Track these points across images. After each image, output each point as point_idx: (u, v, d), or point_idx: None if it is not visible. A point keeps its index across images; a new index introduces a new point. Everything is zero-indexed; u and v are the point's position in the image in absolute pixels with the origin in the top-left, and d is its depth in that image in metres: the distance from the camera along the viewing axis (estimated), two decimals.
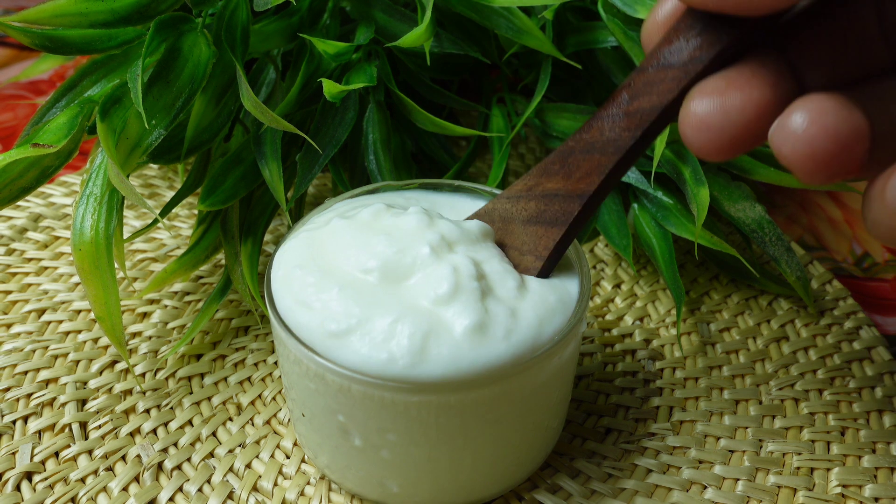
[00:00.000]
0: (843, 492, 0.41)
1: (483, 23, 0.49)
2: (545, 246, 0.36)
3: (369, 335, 0.33)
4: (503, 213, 0.37)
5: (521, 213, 0.37)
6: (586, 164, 0.34)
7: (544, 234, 0.36)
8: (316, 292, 0.35)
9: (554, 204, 0.35)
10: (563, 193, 0.35)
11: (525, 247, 0.37)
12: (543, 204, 0.36)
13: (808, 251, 0.58)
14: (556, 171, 0.35)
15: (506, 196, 0.37)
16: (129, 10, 0.43)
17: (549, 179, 0.35)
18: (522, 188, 0.37)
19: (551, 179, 0.35)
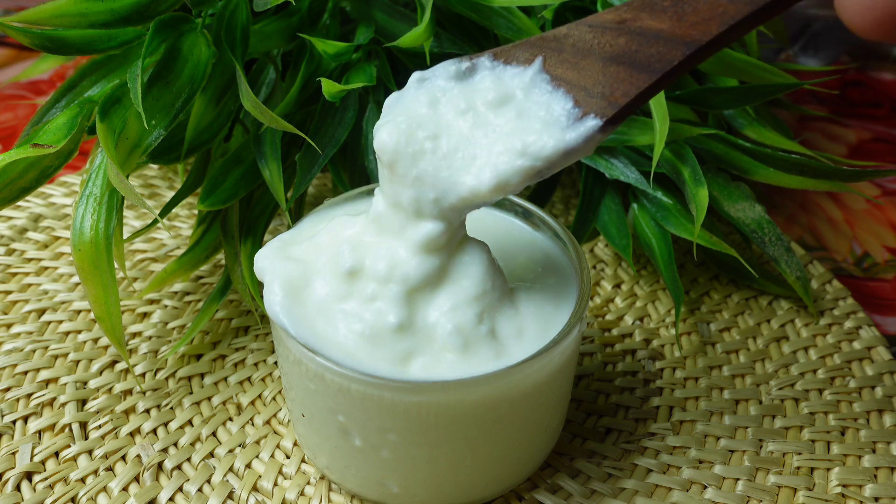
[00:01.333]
0: (843, 492, 0.41)
1: (483, 23, 0.49)
2: (624, 92, 0.30)
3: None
4: (579, 43, 0.31)
5: (604, 48, 0.30)
6: (706, 9, 0.28)
7: (628, 78, 0.30)
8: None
9: (652, 45, 0.29)
10: (666, 36, 0.29)
11: (597, 88, 0.30)
12: (637, 43, 0.29)
13: (808, 251, 0.58)
14: (664, 6, 0.29)
15: (588, 23, 0.31)
16: (128, 10, 0.43)
17: (652, 16, 0.29)
18: (614, 19, 0.30)
19: (656, 16, 0.29)
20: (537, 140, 0.32)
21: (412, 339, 0.34)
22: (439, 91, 0.35)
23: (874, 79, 0.78)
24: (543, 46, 0.32)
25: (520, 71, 0.33)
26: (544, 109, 0.32)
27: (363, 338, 0.34)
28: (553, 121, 0.32)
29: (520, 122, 0.33)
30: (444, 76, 0.35)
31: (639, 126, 0.49)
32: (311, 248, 0.37)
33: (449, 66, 0.34)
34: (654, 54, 0.29)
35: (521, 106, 0.33)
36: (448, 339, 0.34)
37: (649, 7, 0.29)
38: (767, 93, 0.49)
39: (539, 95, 0.32)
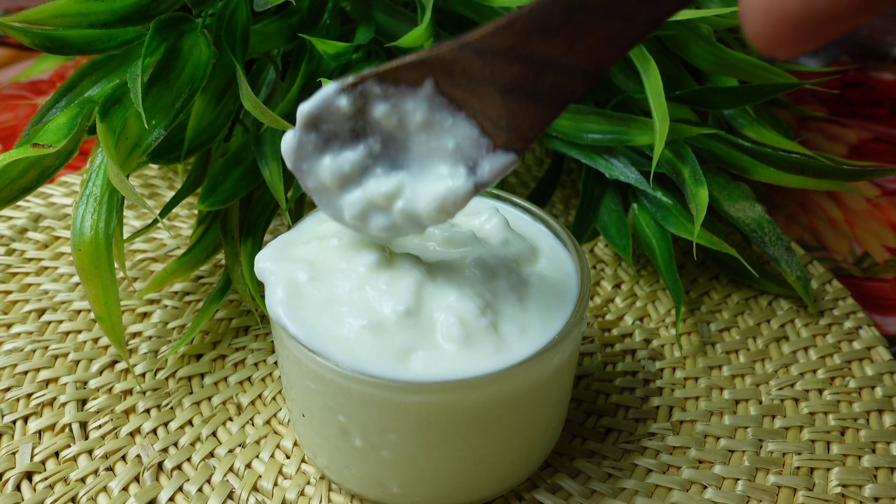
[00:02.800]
0: (843, 492, 0.41)
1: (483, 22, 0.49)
2: (533, 127, 0.29)
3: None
4: (470, 70, 0.29)
5: (497, 77, 0.28)
6: (601, 31, 0.26)
7: (532, 112, 0.28)
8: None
9: (548, 75, 0.27)
10: (563, 64, 0.27)
11: (503, 121, 0.29)
12: (532, 73, 0.28)
13: (808, 251, 0.58)
14: (554, 29, 0.26)
15: (473, 48, 0.28)
16: (129, 10, 0.43)
17: (543, 40, 0.27)
18: (503, 44, 0.28)
19: (547, 41, 0.27)
20: (453, 174, 0.31)
21: (414, 331, 0.34)
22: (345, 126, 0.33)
23: (874, 79, 0.78)
24: (431, 68, 0.29)
25: (413, 91, 0.31)
26: (452, 138, 0.31)
27: (366, 330, 0.34)
28: (465, 153, 0.31)
29: (431, 151, 0.32)
30: (333, 111, 0.32)
31: (639, 126, 0.49)
32: (318, 247, 0.37)
33: (333, 97, 0.32)
34: (553, 85, 0.27)
35: (428, 131, 0.32)
36: (450, 330, 0.34)
37: (540, 29, 0.27)
38: (767, 93, 0.49)
39: (442, 121, 0.31)
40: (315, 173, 0.33)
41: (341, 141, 0.32)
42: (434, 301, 0.35)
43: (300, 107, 0.32)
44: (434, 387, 0.33)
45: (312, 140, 0.32)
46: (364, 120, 0.32)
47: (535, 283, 0.37)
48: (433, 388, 0.33)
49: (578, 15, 0.25)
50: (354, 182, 0.33)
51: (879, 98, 0.76)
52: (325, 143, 0.32)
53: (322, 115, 0.32)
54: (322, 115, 0.32)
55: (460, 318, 0.34)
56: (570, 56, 0.26)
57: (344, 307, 0.35)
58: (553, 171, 0.58)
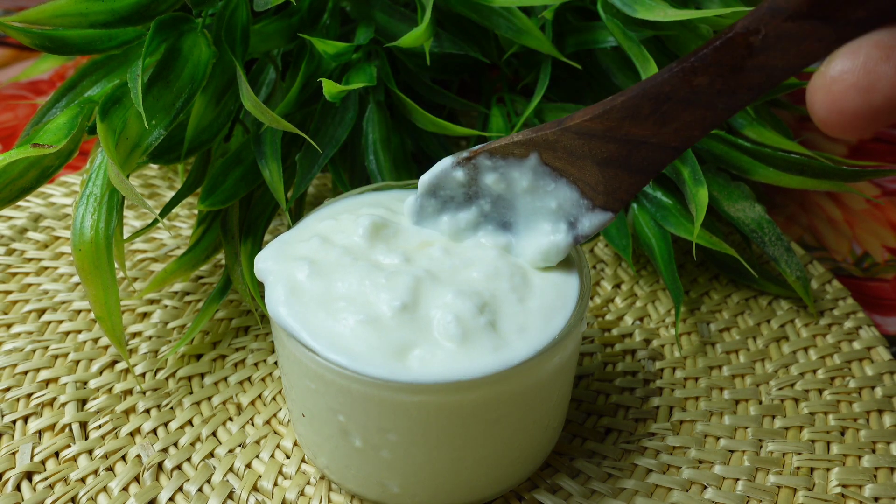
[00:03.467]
0: (843, 492, 0.41)
1: (483, 23, 0.49)
2: (627, 191, 0.33)
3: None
4: (571, 147, 0.34)
5: (595, 153, 0.33)
6: (686, 116, 0.30)
7: (627, 179, 0.33)
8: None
9: (640, 151, 0.32)
10: (653, 142, 0.31)
11: (600, 187, 0.34)
12: (626, 149, 0.32)
13: (808, 251, 0.58)
14: (644, 115, 0.31)
15: (573, 131, 0.33)
16: (129, 10, 0.43)
17: (634, 123, 0.31)
18: (599, 127, 0.32)
19: (638, 124, 0.31)
20: (555, 230, 0.37)
21: (412, 328, 0.34)
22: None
23: None
24: (535, 145, 0.34)
25: (519, 163, 0.36)
26: (554, 200, 0.36)
27: (363, 325, 0.34)
28: (566, 212, 0.36)
29: (535, 209, 0.37)
30: (449, 180, 0.38)
31: None
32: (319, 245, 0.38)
33: (450, 170, 0.37)
34: (645, 158, 0.32)
35: (532, 194, 0.37)
36: (447, 328, 0.34)
37: (631, 116, 0.31)
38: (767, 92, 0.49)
39: (545, 185, 0.36)
40: (435, 228, 0.39)
41: (457, 203, 0.38)
42: (431, 298, 0.35)
43: (422, 178, 0.38)
44: (434, 387, 0.33)
45: (432, 204, 0.38)
46: (476, 186, 0.37)
47: (536, 283, 0.37)
48: (433, 388, 0.33)
49: (665, 105, 0.30)
50: (469, 234, 0.39)
51: None
52: (442, 205, 0.38)
53: (440, 183, 0.38)
54: (440, 184, 0.38)
55: (457, 316, 0.34)
56: (659, 136, 0.31)
57: (341, 302, 0.35)
58: None
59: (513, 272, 0.37)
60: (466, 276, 0.37)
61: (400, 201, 0.41)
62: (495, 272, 0.37)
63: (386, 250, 0.38)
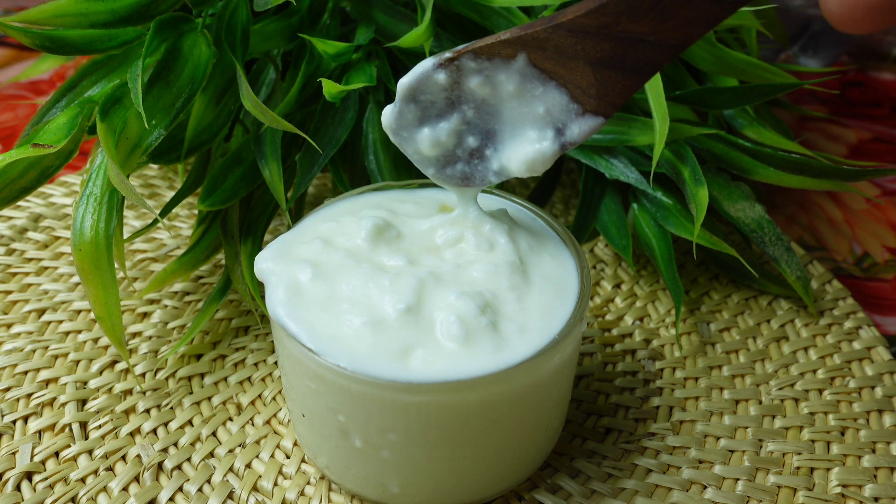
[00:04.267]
0: (843, 492, 0.41)
1: (483, 23, 0.49)
2: (620, 94, 0.32)
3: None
4: (562, 47, 0.32)
5: (589, 52, 0.31)
6: (688, 11, 0.29)
7: (621, 81, 0.31)
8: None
9: (637, 50, 0.30)
10: (651, 40, 0.30)
11: (592, 90, 0.32)
12: (622, 48, 0.30)
13: (808, 251, 0.58)
14: (645, 10, 0.29)
15: (566, 28, 0.31)
16: (129, 10, 0.43)
17: (633, 20, 0.30)
18: (594, 24, 0.31)
19: (637, 21, 0.30)
20: (542, 137, 0.35)
21: (415, 329, 0.34)
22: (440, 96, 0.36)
23: (874, 79, 0.78)
24: (524, 44, 0.32)
25: (506, 64, 0.34)
26: (542, 104, 0.34)
27: (366, 327, 0.34)
28: (555, 117, 0.34)
29: (521, 115, 0.35)
30: (430, 84, 0.36)
31: (639, 126, 0.49)
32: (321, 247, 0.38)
33: (431, 72, 0.35)
34: (641, 58, 0.30)
35: (519, 98, 0.35)
36: (450, 329, 0.34)
37: (629, 10, 0.30)
38: (767, 93, 0.49)
39: (533, 89, 0.34)
40: (414, 141, 0.37)
41: (438, 110, 0.36)
42: (434, 300, 0.35)
43: (400, 81, 0.35)
44: (434, 387, 0.33)
45: (411, 110, 0.36)
46: (459, 90, 0.35)
47: (536, 283, 0.37)
48: (433, 388, 0.33)
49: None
50: (450, 152, 0.37)
51: (879, 98, 0.76)
52: (422, 112, 0.36)
53: (420, 87, 0.35)
54: (420, 88, 0.35)
55: (460, 317, 0.34)
56: (658, 33, 0.29)
57: (345, 305, 0.35)
58: (553, 171, 0.58)
59: (512, 270, 0.37)
60: (468, 275, 0.37)
61: (400, 202, 0.41)
62: (495, 270, 0.37)
63: (389, 252, 0.38)
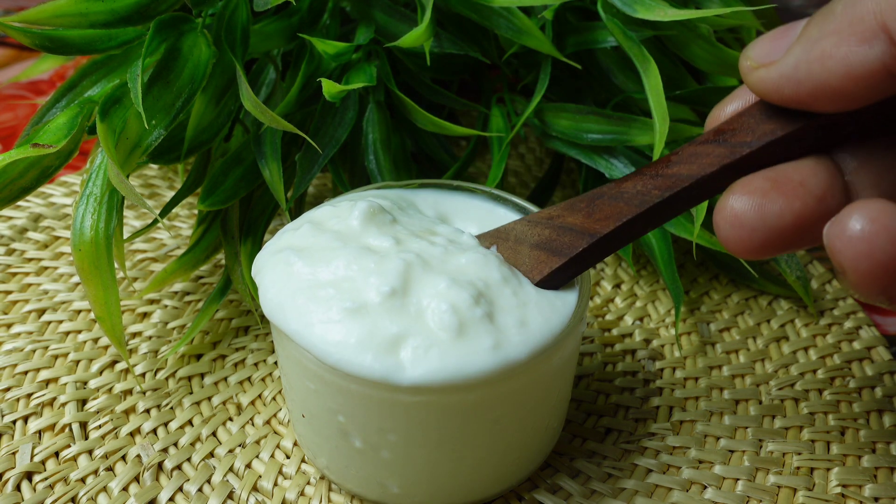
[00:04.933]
0: (842, 492, 0.41)
1: (483, 23, 0.49)
2: (540, 271, 0.37)
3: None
4: (518, 235, 0.38)
5: (533, 237, 0.38)
6: (609, 209, 0.35)
7: (545, 260, 0.37)
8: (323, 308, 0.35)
9: (565, 236, 0.36)
10: (577, 229, 0.36)
11: (524, 267, 0.38)
12: (556, 234, 0.37)
13: (808, 251, 0.58)
14: (581, 208, 0.36)
15: (527, 220, 0.38)
16: (129, 10, 0.43)
17: (571, 214, 0.36)
18: (545, 216, 0.38)
19: (574, 215, 0.36)
20: None
21: (405, 318, 0.34)
22: None
23: None
24: (498, 237, 0.39)
25: (484, 252, 0.38)
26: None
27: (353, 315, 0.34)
28: None
29: None
30: None
31: (639, 126, 0.49)
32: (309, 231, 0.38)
33: None
34: (566, 243, 0.36)
35: None
36: (442, 318, 0.34)
37: (572, 208, 0.37)
38: None
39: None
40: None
41: None
42: (424, 288, 0.35)
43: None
44: (434, 387, 0.33)
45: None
46: None
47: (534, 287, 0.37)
48: (433, 388, 0.33)
49: (598, 201, 0.36)
50: None
51: None
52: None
53: None
54: None
55: (452, 306, 0.34)
56: (584, 224, 0.36)
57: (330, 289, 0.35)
58: (553, 171, 0.58)
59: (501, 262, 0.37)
60: (457, 263, 0.36)
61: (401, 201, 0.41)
62: (485, 261, 0.36)
63: (378, 234, 0.37)
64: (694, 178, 0.32)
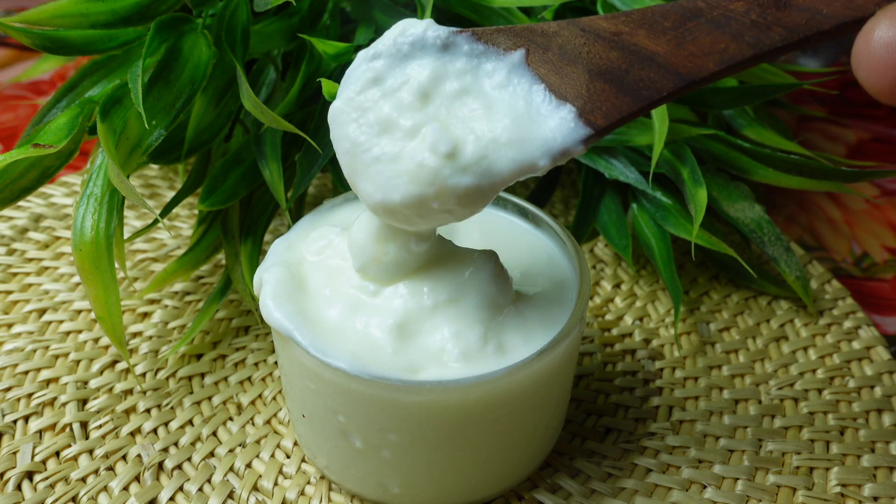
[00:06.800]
0: (842, 491, 0.41)
1: (483, 23, 0.49)
2: (606, 115, 0.28)
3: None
4: (567, 46, 0.29)
5: (592, 59, 0.28)
6: (708, 40, 0.26)
7: (612, 98, 0.28)
8: None
9: (643, 68, 0.27)
10: (660, 61, 0.27)
11: (578, 101, 0.28)
12: (628, 61, 0.27)
13: (808, 251, 0.58)
14: (664, 28, 0.27)
15: (581, 27, 0.29)
16: (129, 10, 0.43)
17: (650, 35, 0.27)
18: (609, 28, 0.28)
19: (654, 37, 0.27)
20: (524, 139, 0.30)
21: (416, 356, 0.35)
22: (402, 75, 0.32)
23: None
24: (529, 39, 0.29)
25: (499, 56, 0.30)
26: (523, 101, 0.30)
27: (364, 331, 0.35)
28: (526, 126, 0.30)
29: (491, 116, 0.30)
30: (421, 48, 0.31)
31: (638, 126, 0.49)
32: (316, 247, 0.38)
33: (422, 34, 0.31)
34: (644, 79, 0.27)
35: (491, 98, 0.31)
36: (455, 362, 0.34)
37: (649, 24, 0.27)
38: (767, 93, 0.50)
39: (516, 87, 0.30)
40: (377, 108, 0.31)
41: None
42: (433, 328, 0.35)
43: (374, 46, 0.32)
44: (434, 388, 0.33)
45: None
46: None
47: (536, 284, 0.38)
48: (433, 388, 0.33)
49: (691, 22, 0.26)
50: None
51: None
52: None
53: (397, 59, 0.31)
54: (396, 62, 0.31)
55: (464, 352, 0.35)
56: (670, 56, 0.27)
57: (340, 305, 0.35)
58: (553, 171, 0.58)
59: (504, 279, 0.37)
60: (462, 302, 0.36)
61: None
62: (494, 288, 0.36)
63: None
64: (839, 22, 0.24)
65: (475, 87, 0.31)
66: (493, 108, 0.30)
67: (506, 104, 0.30)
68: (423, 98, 0.31)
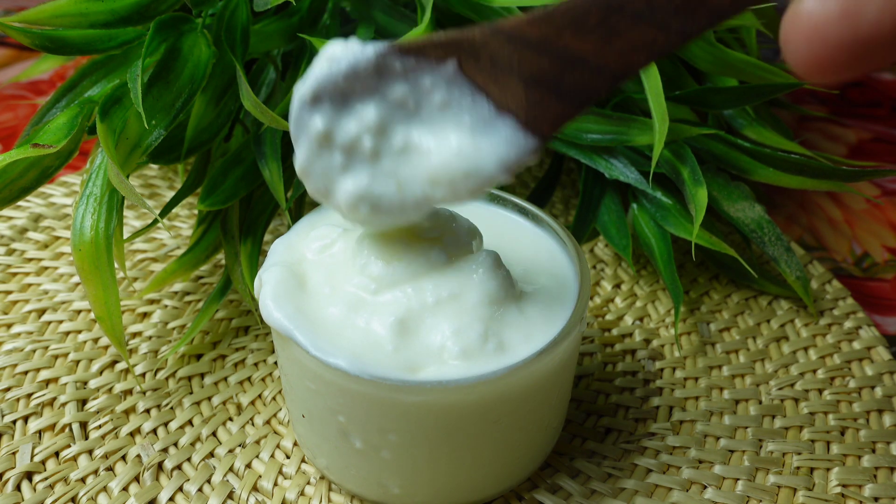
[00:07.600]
0: (842, 491, 0.41)
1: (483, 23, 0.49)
2: (550, 123, 0.28)
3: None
4: (497, 57, 0.28)
5: (524, 68, 0.28)
6: (635, 34, 0.25)
7: (555, 106, 0.28)
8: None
9: (574, 72, 0.27)
10: (592, 63, 0.26)
11: (521, 112, 0.28)
12: (559, 66, 0.27)
13: (808, 251, 0.58)
14: (590, 26, 0.26)
15: (506, 34, 0.28)
16: (129, 10, 0.43)
17: (576, 34, 0.26)
18: (535, 34, 0.27)
19: (581, 37, 0.26)
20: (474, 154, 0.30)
21: (416, 354, 0.34)
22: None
23: (874, 79, 0.78)
24: (457, 49, 0.29)
25: (433, 68, 0.29)
26: (468, 115, 0.30)
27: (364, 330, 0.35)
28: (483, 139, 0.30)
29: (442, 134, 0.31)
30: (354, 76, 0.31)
31: (638, 126, 0.49)
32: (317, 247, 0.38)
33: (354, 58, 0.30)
34: (579, 82, 0.27)
35: (437, 123, 0.31)
36: (455, 360, 0.34)
37: (574, 24, 0.26)
38: (767, 93, 0.50)
39: (459, 101, 0.30)
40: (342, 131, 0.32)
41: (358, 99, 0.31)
42: (433, 327, 0.35)
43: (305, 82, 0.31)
44: (434, 388, 0.33)
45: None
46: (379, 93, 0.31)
47: (536, 284, 0.37)
48: (433, 389, 0.33)
49: (615, 17, 0.26)
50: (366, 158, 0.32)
51: (879, 98, 0.76)
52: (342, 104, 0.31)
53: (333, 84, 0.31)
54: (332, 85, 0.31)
55: (464, 349, 0.34)
56: (600, 55, 0.26)
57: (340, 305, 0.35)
58: (553, 171, 0.58)
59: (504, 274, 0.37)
60: (464, 299, 0.36)
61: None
62: (497, 287, 0.36)
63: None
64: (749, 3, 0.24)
65: (420, 114, 0.31)
66: (441, 133, 0.30)
67: (452, 124, 0.30)
68: (375, 155, 0.32)
